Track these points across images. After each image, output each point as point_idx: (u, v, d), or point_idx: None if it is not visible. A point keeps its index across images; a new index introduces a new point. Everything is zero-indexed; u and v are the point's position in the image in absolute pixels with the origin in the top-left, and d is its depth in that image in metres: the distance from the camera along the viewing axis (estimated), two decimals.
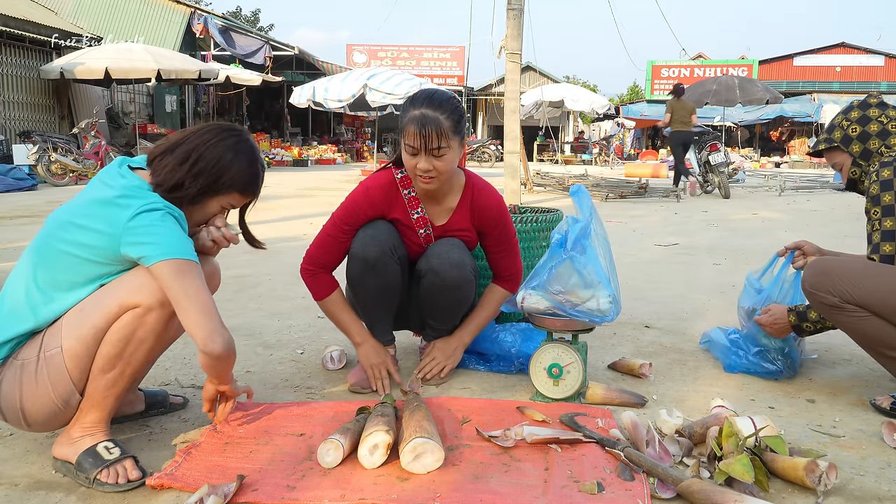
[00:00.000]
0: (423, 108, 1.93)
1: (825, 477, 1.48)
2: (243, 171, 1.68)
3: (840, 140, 2.10)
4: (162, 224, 1.52)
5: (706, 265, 4.56)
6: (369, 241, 2.06)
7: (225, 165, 1.65)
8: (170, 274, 1.49)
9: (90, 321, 1.51)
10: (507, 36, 7.84)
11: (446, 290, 2.09)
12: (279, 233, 5.91)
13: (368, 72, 14.22)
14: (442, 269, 2.06)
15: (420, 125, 1.91)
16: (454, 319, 2.24)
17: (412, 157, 1.97)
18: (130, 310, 1.51)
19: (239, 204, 1.76)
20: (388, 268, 2.07)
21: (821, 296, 1.95)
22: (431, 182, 1.99)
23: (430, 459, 1.56)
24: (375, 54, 27.50)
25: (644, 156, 24.22)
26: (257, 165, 1.73)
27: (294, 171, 16.32)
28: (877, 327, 1.90)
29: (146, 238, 1.49)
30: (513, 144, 8.02)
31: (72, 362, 1.51)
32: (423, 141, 1.91)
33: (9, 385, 1.53)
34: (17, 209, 7.49)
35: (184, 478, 1.52)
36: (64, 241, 1.54)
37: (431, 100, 1.96)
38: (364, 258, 2.05)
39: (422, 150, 1.93)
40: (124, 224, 1.50)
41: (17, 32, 12.47)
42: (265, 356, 2.48)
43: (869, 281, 1.88)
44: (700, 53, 32.73)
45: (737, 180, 12.81)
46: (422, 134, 1.91)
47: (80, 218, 1.54)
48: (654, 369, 2.32)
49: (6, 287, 1.60)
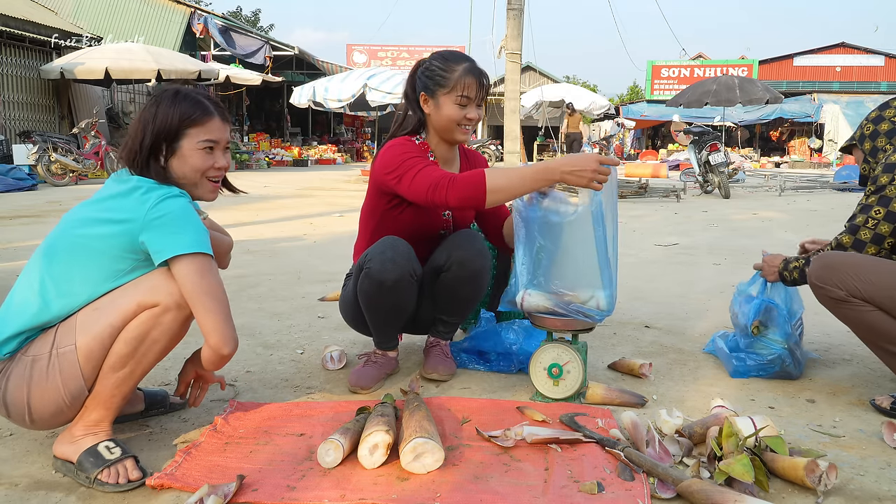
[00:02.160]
0: (469, 62, 2.13)
1: (825, 477, 1.48)
2: (181, 105, 1.64)
3: (858, 138, 2.19)
4: (183, 214, 1.54)
5: (706, 265, 4.56)
6: (389, 265, 1.99)
7: (163, 111, 1.62)
8: (193, 271, 1.51)
9: (106, 319, 1.51)
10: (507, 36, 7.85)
11: (471, 279, 2.12)
12: (279, 233, 5.92)
13: (368, 72, 14.24)
14: (468, 259, 2.09)
15: (479, 75, 2.11)
16: (471, 310, 2.27)
17: (462, 109, 2.12)
18: (148, 309, 1.53)
19: (214, 136, 1.67)
20: (405, 291, 2.05)
21: (827, 289, 1.96)
22: (469, 132, 2.17)
23: (431, 459, 1.56)
24: (375, 54, 27.52)
25: (644, 156, 24.21)
26: (187, 90, 1.68)
27: (294, 171, 16.32)
28: (881, 321, 1.91)
29: (168, 228, 1.51)
30: (513, 144, 8.03)
31: (85, 360, 1.51)
32: (480, 90, 2.11)
33: (17, 380, 1.53)
34: (17, 209, 7.49)
35: (184, 478, 1.53)
36: (81, 236, 1.55)
37: (466, 56, 2.17)
38: (381, 282, 2.00)
39: (475, 100, 2.12)
40: (147, 210, 1.51)
41: (17, 32, 12.49)
42: (265, 356, 2.48)
43: (876, 276, 1.90)
44: (700, 53, 32.74)
45: (737, 180, 12.81)
46: (482, 84, 2.11)
47: (98, 212, 1.56)
48: (654, 369, 2.32)
49: (18, 281, 1.61)
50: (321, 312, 3.12)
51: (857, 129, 2.22)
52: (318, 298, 3.40)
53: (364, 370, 2.17)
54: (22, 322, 1.54)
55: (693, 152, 10.57)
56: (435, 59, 2.17)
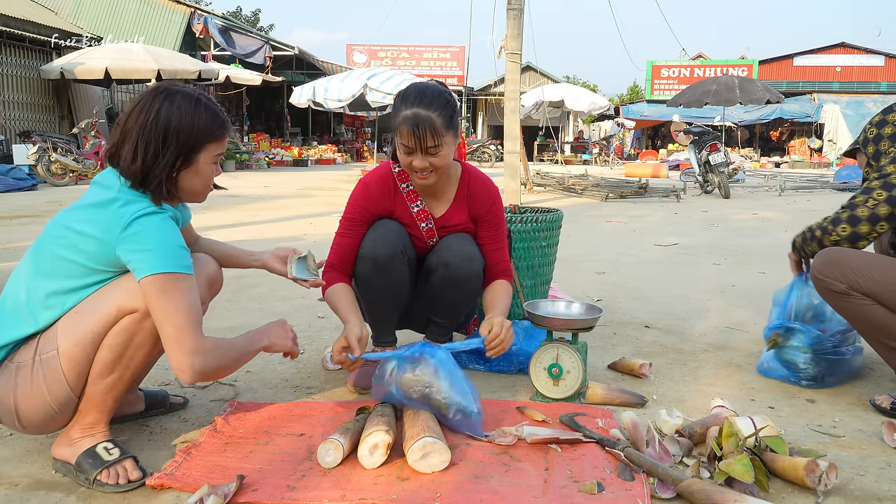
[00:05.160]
0: (415, 106, 1.91)
1: (825, 477, 1.48)
2: (197, 124, 1.56)
3: (861, 143, 2.19)
4: (157, 231, 1.48)
5: (706, 265, 4.56)
6: (380, 241, 2.05)
7: (175, 130, 1.54)
8: (153, 290, 1.45)
9: (87, 326, 1.49)
10: (507, 36, 7.84)
11: (457, 283, 2.09)
12: (279, 233, 5.92)
13: (368, 72, 14.23)
14: (454, 262, 2.06)
15: (413, 125, 1.89)
16: (461, 314, 2.24)
17: (407, 156, 1.96)
18: (128, 314, 1.50)
19: (223, 148, 1.66)
20: (398, 270, 2.06)
21: (828, 282, 1.98)
22: (428, 178, 1.99)
23: (437, 460, 1.56)
24: (375, 54, 27.51)
25: (644, 156, 24.21)
26: (202, 107, 1.59)
27: (294, 171, 16.32)
28: (881, 316, 1.92)
29: (138, 246, 1.46)
30: (513, 144, 8.02)
31: (68, 365, 1.49)
32: (417, 141, 1.90)
33: (3, 388, 1.52)
34: (17, 209, 7.49)
35: (184, 478, 1.53)
36: (61, 246, 1.52)
37: (423, 97, 1.93)
38: (374, 259, 2.04)
39: (417, 150, 1.93)
40: (119, 233, 1.47)
41: (17, 32, 12.48)
42: (265, 356, 2.48)
43: (877, 271, 1.92)
44: (700, 53, 32.72)
45: (737, 180, 12.81)
46: (416, 135, 1.89)
47: (77, 223, 1.52)
48: (654, 369, 2.32)
49: (7, 288, 1.59)
50: (321, 312, 3.12)
51: (860, 133, 2.22)
52: (318, 299, 3.40)
53: (364, 370, 2.16)
54: (13, 334, 1.52)
55: (693, 152, 10.58)
56: (399, 93, 2.01)
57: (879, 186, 1.99)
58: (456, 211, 2.16)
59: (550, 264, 2.81)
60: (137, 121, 1.55)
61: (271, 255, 1.97)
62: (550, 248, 2.76)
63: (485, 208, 2.16)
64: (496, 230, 2.19)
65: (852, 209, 2.02)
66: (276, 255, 1.96)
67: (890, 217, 1.98)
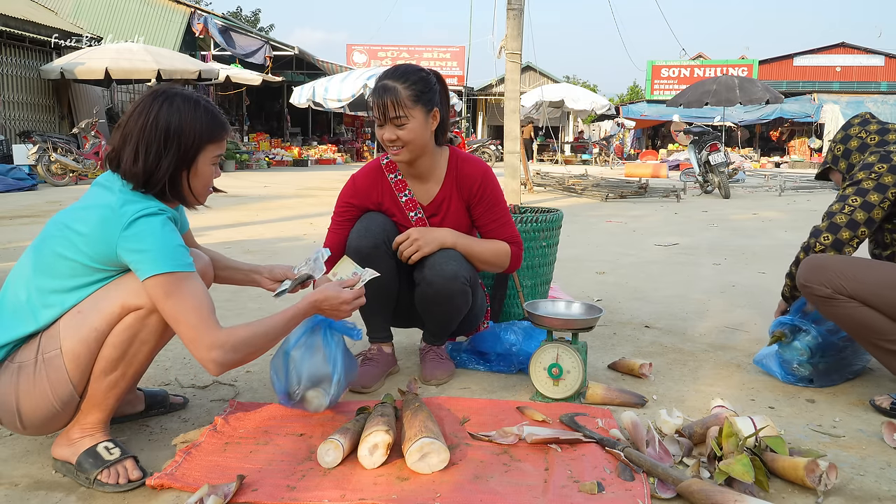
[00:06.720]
0: (385, 79, 2.02)
1: (825, 477, 1.48)
2: (197, 126, 1.58)
3: (831, 161, 2.28)
4: (156, 231, 1.49)
5: (706, 265, 4.56)
6: (363, 232, 2.11)
7: (176, 132, 1.55)
8: (160, 293, 1.47)
9: (91, 323, 1.49)
10: (507, 36, 7.84)
11: (438, 301, 2.11)
12: (279, 233, 5.92)
13: (368, 72, 14.26)
14: (434, 280, 2.07)
15: (378, 95, 1.99)
16: (449, 328, 2.27)
17: (379, 129, 2.04)
18: (132, 311, 1.51)
19: (222, 150, 1.67)
20: (380, 260, 2.07)
21: (813, 287, 2.00)
22: (400, 153, 2.04)
23: (436, 460, 1.56)
24: (375, 54, 27.51)
25: (644, 156, 24.21)
26: (201, 109, 1.60)
27: (294, 171, 16.31)
28: (868, 317, 1.94)
29: (139, 246, 1.47)
30: (513, 144, 8.02)
31: (72, 364, 1.49)
32: (380, 110, 1.98)
33: (5, 388, 1.51)
34: (17, 209, 7.49)
35: (184, 478, 1.53)
36: (61, 245, 1.52)
37: (395, 72, 2.04)
38: (357, 250, 2.08)
39: (385, 122, 2.00)
40: (119, 232, 1.47)
41: (17, 32, 12.48)
42: (265, 356, 2.47)
43: (862, 272, 1.95)
44: (700, 53, 32.72)
45: (737, 180, 12.81)
46: (378, 104, 1.98)
47: (77, 223, 1.52)
48: (654, 369, 2.32)
49: (7, 287, 1.59)
50: None
51: (826, 154, 2.30)
52: None
53: (364, 369, 2.17)
54: (14, 333, 1.52)
55: (693, 152, 10.57)
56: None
57: (853, 193, 2.05)
58: (446, 195, 2.18)
59: (550, 264, 2.82)
60: (137, 123, 1.56)
61: (265, 278, 1.95)
62: (550, 248, 2.76)
63: (476, 185, 2.16)
64: (492, 207, 2.18)
65: (830, 217, 2.08)
66: (272, 276, 1.95)
67: (868, 222, 2.02)
